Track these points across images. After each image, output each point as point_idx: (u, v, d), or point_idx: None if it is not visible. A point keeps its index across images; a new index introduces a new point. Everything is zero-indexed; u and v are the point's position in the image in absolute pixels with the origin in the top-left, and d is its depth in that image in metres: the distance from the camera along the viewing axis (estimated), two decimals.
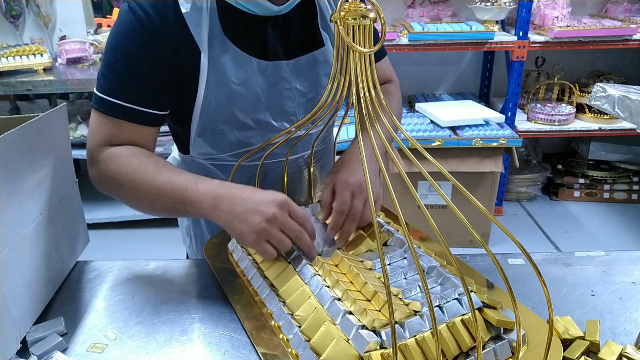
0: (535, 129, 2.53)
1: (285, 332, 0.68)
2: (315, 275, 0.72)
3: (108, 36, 0.82)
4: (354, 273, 0.71)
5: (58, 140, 0.84)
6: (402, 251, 0.79)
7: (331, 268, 0.73)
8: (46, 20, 2.65)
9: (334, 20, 0.61)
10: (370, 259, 0.78)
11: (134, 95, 0.81)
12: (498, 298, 0.68)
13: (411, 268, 0.75)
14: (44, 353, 0.68)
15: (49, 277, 0.81)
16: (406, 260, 0.77)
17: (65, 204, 0.87)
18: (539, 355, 0.62)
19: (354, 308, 0.65)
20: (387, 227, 0.86)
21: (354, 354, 0.59)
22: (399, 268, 0.75)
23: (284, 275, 0.75)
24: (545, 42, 2.41)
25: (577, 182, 2.84)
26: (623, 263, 0.88)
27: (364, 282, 0.68)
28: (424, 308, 0.64)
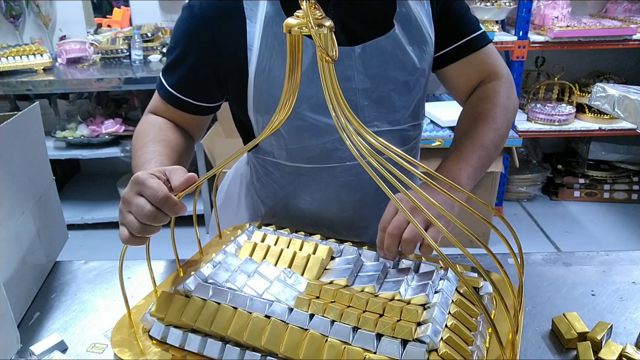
0: (535, 129, 2.53)
1: None
2: (309, 314, 0.63)
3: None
4: (345, 295, 0.64)
5: (34, 140, 0.86)
6: (357, 255, 0.76)
7: (316, 300, 0.65)
8: (46, 20, 2.65)
9: (288, 31, 0.55)
10: (337, 276, 0.70)
11: (178, 82, 0.86)
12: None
13: (379, 270, 0.71)
14: (44, 353, 0.69)
15: (33, 275, 0.83)
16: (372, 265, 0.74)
17: (44, 201, 0.88)
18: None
19: (382, 328, 0.59)
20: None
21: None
22: (374, 273, 0.70)
23: (255, 325, 0.62)
24: (545, 42, 2.41)
25: (577, 182, 2.84)
26: (623, 263, 0.88)
27: (366, 300, 0.63)
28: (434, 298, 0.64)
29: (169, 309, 0.66)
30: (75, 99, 2.73)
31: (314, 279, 0.71)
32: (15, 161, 0.79)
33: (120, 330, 0.69)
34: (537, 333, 0.72)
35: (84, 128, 2.54)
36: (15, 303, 0.74)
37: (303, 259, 0.74)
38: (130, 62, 2.55)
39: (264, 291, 0.67)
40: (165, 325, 0.66)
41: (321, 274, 0.72)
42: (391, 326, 0.58)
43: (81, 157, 2.51)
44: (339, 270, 0.72)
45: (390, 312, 0.61)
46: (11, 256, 0.75)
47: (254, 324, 0.62)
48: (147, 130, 0.86)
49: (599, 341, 0.67)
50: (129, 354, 0.65)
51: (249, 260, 0.75)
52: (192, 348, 0.64)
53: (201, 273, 0.72)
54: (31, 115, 0.85)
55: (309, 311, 0.62)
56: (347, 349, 0.58)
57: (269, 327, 0.62)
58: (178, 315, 0.65)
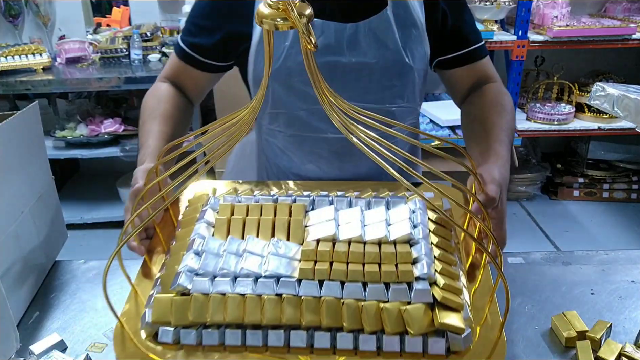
0: (535, 128, 2.53)
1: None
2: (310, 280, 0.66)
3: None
4: (341, 252, 0.67)
5: (33, 139, 0.86)
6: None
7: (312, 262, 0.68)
8: (45, 20, 2.64)
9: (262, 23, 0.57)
10: (322, 234, 0.72)
11: (191, 40, 0.97)
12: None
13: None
14: (43, 352, 0.68)
15: (32, 275, 0.83)
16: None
17: (43, 201, 0.88)
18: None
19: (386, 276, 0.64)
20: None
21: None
22: (354, 221, 0.73)
23: (270, 306, 0.64)
24: (544, 42, 2.41)
25: (577, 181, 2.85)
26: (622, 262, 0.88)
27: (361, 253, 0.67)
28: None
29: (172, 312, 0.65)
30: (75, 99, 2.73)
31: (300, 241, 0.73)
32: (15, 161, 0.79)
33: (122, 341, 0.66)
34: (536, 332, 0.72)
35: (83, 128, 2.53)
36: (14, 302, 0.74)
37: (284, 224, 0.76)
38: (129, 62, 2.55)
39: (261, 269, 0.68)
40: (174, 329, 0.65)
41: (306, 234, 0.75)
42: (395, 273, 0.64)
43: (80, 156, 2.51)
44: (320, 227, 0.74)
45: (387, 259, 0.67)
46: (10, 256, 0.75)
47: (269, 304, 0.63)
48: (150, 104, 0.98)
49: (598, 340, 0.67)
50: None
51: (233, 240, 0.73)
52: (211, 342, 0.64)
53: (188, 267, 0.69)
54: (30, 115, 0.85)
55: (316, 279, 0.65)
56: (363, 306, 0.62)
57: (284, 304, 0.63)
58: (185, 317, 0.65)
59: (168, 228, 0.83)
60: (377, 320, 0.62)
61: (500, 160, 0.82)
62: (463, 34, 0.97)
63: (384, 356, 0.62)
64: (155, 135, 0.90)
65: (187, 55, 0.98)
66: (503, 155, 0.84)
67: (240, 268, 0.67)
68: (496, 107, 0.94)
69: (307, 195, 0.83)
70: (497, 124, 0.91)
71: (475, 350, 0.61)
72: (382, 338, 0.62)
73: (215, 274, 0.68)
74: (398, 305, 0.62)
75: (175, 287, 0.67)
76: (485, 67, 1.01)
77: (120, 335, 0.66)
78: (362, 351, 0.62)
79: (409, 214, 0.74)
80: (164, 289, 0.68)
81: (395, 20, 0.90)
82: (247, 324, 0.64)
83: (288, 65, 0.90)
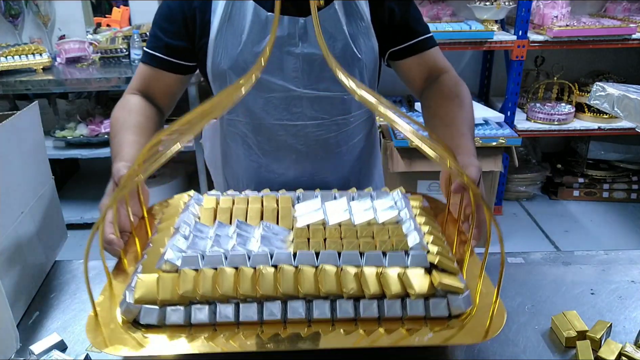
0: (535, 128, 2.53)
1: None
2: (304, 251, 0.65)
3: None
4: (335, 230, 0.69)
5: (33, 139, 0.86)
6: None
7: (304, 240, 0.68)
8: (45, 20, 2.64)
9: None
10: (311, 220, 0.72)
11: (159, 44, 0.99)
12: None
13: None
14: (43, 352, 0.68)
15: (32, 275, 0.83)
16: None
17: (43, 201, 0.88)
18: (483, 324, 0.60)
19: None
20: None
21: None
22: (342, 209, 0.75)
23: (266, 277, 0.62)
24: (544, 42, 2.41)
25: (577, 181, 2.85)
26: (622, 262, 0.88)
27: (356, 229, 0.69)
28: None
29: (159, 289, 0.61)
30: (75, 99, 2.72)
31: (290, 227, 0.73)
32: (15, 161, 0.79)
33: (96, 331, 0.60)
34: (536, 332, 0.72)
35: (83, 127, 2.53)
36: (14, 302, 0.74)
37: (273, 211, 0.75)
38: (129, 62, 2.55)
39: (255, 247, 0.66)
40: (160, 308, 0.60)
41: (294, 223, 0.74)
42: (390, 242, 0.66)
43: (80, 156, 2.51)
44: (309, 214, 0.74)
45: (380, 234, 0.69)
46: (10, 255, 0.75)
47: (264, 276, 0.61)
48: (119, 117, 0.98)
49: (598, 340, 0.67)
50: (127, 349, 0.57)
51: (221, 224, 0.71)
52: (201, 319, 0.60)
53: (176, 247, 0.66)
54: (30, 115, 0.85)
55: (312, 249, 0.65)
56: (363, 271, 0.62)
57: (280, 274, 0.61)
58: (173, 293, 0.60)
59: (143, 238, 0.79)
60: (377, 284, 0.61)
61: (469, 150, 0.87)
62: (410, 27, 1.02)
63: (385, 325, 0.61)
64: (131, 145, 0.90)
65: (157, 60, 1.00)
66: (470, 147, 0.88)
67: (232, 245, 0.65)
68: (453, 99, 0.99)
69: (292, 192, 0.85)
70: (456, 117, 0.95)
71: (475, 316, 0.61)
72: (383, 305, 0.61)
73: (205, 253, 0.65)
74: (397, 270, 0.63)
75: (162, 265, 0.63)
76: (435, 56, 1.05)
77: (93, 323, 0.61)
78: (364, 320, 0.61)
79: (393, 202, 0.78)
80: (147, 271, 0.64)
81: (344, 14, 0.96)
82: (241, 298, 0.61)
83: (245, 57, 0.95)
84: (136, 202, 0.83)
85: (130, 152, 0.87)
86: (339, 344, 0.58)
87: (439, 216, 0.84)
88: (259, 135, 1.04)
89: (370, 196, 0.83)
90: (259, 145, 1.06)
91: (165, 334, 0.60)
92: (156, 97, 1.05)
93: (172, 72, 1.02)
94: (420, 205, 0.83)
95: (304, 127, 1.02)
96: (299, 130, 1.02)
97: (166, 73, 1.02)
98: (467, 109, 0.98)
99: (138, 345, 0.58)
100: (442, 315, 0.61)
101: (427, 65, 1.05)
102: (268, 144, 1.05)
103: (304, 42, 0.96)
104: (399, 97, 2.79)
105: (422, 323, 0.61)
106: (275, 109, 1.01)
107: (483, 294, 0.65)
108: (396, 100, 2.76)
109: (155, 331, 0.60)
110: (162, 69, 1.01)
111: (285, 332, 0.59)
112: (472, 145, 0.89)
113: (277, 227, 0.72)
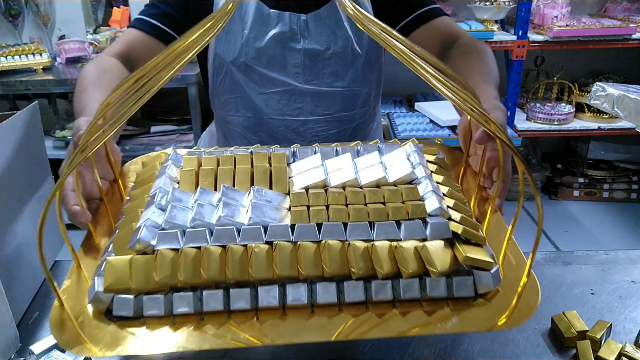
0: (535, 128, 2.53)
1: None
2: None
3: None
4: (338, 194, 0.57)
5: (33, 139, 0.86)
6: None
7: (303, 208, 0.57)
8: (45, 20, 2.64)
9: None
10: (310, 181, 0.61)
11: (157, 12, 0.96)
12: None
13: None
14: (43, 352, 0.68)
15: (32, 275, 0.83)
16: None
17: (43, 201, 0.88)
18: (517, 305, 0.52)
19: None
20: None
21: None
22: (345, 167, 0.64)
23: (259, 257, 0.52)
24: (544, 42, 2.41)
25: (577, 181, 2.85)
26: (622, 262, 0.88)
27: (363, 193, 0.57)
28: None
29: (132, 275, 0.51)
30: None
31: (285, 192, 0.62)
32: (15, 160, 0.79)
33: (62, 326, 0.51)
34: (536, 332, 0.72)
35: None
36: (14, 302, 0.74)
37: (265, 173, 0.63)
38: None
39: (244, 219, 0.55)
40: (134, 297, 0.51)
41: (290, 185, 0.63)
42: (405, 209, 0.55)
43: None
44: (308, 174, 0.63)
45: (392, 198, 0.57)
46: (10, 255, 0.75)
47: (257, 255, 0.51)
48: (91, 72, 0.90)
49: (598, 340, 0.67)
50: (103, 349, 0.48)
51: (204, 191, 0.59)
52: (183, 308, 0.51)
53: (151, 221, 0.55)
54: (30, 115, 0.85)
55: (312, 221, 0.54)
56: (374, 246, 0.52)
57: (276, 252, 0.52)
58: (150, 278, 0.50)
59: (116, 204, 0.68)
60: (391, 262, 0.51)
61: (492, 95, 0.78)
62: (414, 1, 1.00)
63: (400, 308, 0.51)
64: (100, 103, 0.78)
65: (152, 26, 0.96)
66: (493, 92, 0.79)
67: (217, 217, 0.54)
68: (472, 54, 0.92)
69: (286, 147, 0.71)
70: (476, 67, 0.88)
71: (504, 293, 0.52)
72: (399, 285, 0.51)
73: (186, 228, 0.54)
74: (414, 243, 0.52)
75: (134, 246, 0.52)
76: (446, 23, 1.01)
77: (59, 315, 0.52)
78: (375, 303, 0.52)
79: (406, 156, 0.66)
80: (119, 251, 0.54)
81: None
82: (231, 283, 0.51)
83: (247, 51, 0.96)
84: (105, 165, 0.70)
85: (97, 109, 0.77)
86: (351, 334, 0.49)
87: (455, 168, 0.73)
88: (260, 131, 1.04)
89: (378, 149, 0.70)
90: (259, 141, 1.05)
91: (144, 326, 0.50)
92: (138, 66, 0.92)
93: (164, 43, 0.96)
94: (437, 159, 0.70)
95: (305, 123, 1.02)
96: (299, 125, 1.02)
97: (157, 43, 0.96)
98: (488, 61, 0.90)
99: (112, 344, 0.48)
100: (467, 296, 0.52)
101: (440, 33, 1.00)
102: (268, 139, 1.04)
103: (306, 38, 0.96)
104: (399, 97, 2.79)
105: (443, 304, 0.51)
106: (276, 104, 1.01)
107: (510, 264, 0.56)
108: (396, 100, 2.76)
109: (133, 324, 0.50)
110: (154, 36, 0.96)
111: (285, 320, 0.50)
112: (495, 91, 0.80)
113: (271, 193, 0.60)
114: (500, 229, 0.61)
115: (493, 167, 0.67)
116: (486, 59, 0.91)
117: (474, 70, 0.86)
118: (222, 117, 1.09)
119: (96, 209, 0.68)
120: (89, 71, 0.90)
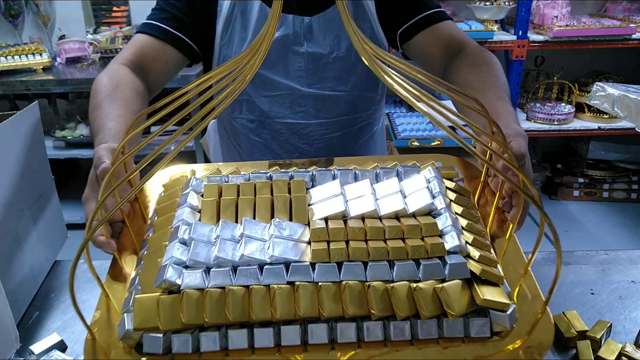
0: (535, 128, 2.53)
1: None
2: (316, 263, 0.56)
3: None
4: (358, 229, 0.58)
5: (33, 139, 0.86)
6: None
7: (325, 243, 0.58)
8: (45, 20, 2.64)
9: None
10: (330, 211, 0.62)
11: (166, 16, 0.97)
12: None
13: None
14: (43, 352, 0.68)
15: (32, 275, 0.83)
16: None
17: (43, 201, 0.88)
18: (530, 340, 0.53)
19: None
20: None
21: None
22: (364, 195, 0.65)
23: (282, 297, 0.54)
24: (544, 42, 2.41)
25: (577, 181, 2.85)
26: (622, 262, 0.88)
27: (382, 228, 0.58)
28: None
29: (160, 314, 0.54)
30: (75, 99, 2.72)
31: (305, 221, 0.62)
32: (15, 161, 0.79)
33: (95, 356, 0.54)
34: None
35: (83, 127, 2.53)
36: (14, 302, 0.74)
37: (285, 203, 0.64)
38: None
39: (265, 255, 0.57)
40: (163, 335, 0.54)
41: (310, 214, 0.64)
42: (424, 248, 0.56)
43: (81, 156, 2.51)
44: (327, 204, 0.63)
45: (411, 233, 0.58)
46: (10, 255, 0.75)
47: (280, 295, 0.53)
48: (105, 85, 0.88)
49: (598, 340, 0.67)
50: None
51: (226, 224, 0.61)
52: (210, 347, 0.53)
53: (175, 258, 0.57)
54: (30, 115, 0.85)
55: (333, 260, 0.55)
56: (394, 287, 0.53)
57: (298, 293, 0.53)
58: (177, 318, 0.53)
59: (137, 222, 0.71)
60: (410, 304, 0.53)
61: (511, 116, 0.77)
62: (417, 3, 0.98)
63: (418, 345, 0.53)
64: (116, 119, 0.79)
65: (162, 31, 0.95)
66: (510, 111, 0.78)
67: (239, 255, 0.56)
68: (481, 66, 0.90)
69: (305, 171, 0.72)
70: (488, 82, 0.86)
71: (519, 330, 0.53)
72: (417, 324, 0.53)
73: (210, 265, 0.56)
74: (432, 284, 0.53)
75: (161, 284, 0.55)
76: (450, 28, 0.98)
77: (92, 349, 0.54)
78: (393, 342, 0.53)
79: (425, 183, 0.66)
80: (145, 288, 0.56)
81: (352, 12, 0.95)
82: (255, 322, 0.54)
83: None
84: (125, 185, 0.70)
85: (115, 127, 0.77)
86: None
87: (472, 182, 0.73)
88: (263, 133, 1.04)
89: (397, 173, 0.71)
90: (262, 144, 1.05)
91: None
92: (150, 73, 0.96)
93: (175, 47, 0.95)
94: (456, 185, 0.69)
95: (307, 126, 1.02)
96: (302, 129, 1.02)
97: (169, 47, 0.95)
98: (499, 74, 0.88)
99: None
100: (483, 336, 0.53)
101: (443, 39, 0.97)
102: (272, 142, 1.04)
103: (309, 41, 0.96)
104: (399, 97, 2.79)
105: (459, 342, 0.54)
106: (279, 108, 1.00)
107: (525, 299, 0.58)
108: (396, 100, 2.76)
109: (162, 359, 0.54)
110: (166, 41, 0.95)
111: (306, 356, 0.53)
112: (512, 109, 0.79)
113: (292, 225, 0.62)
114: (517, 258, 0.64)
115: (513, 191, 0.67)
116: (497, 72, 0.89)
117: (487, 87, 0.84)
118: (225, 117, 1.09)
119: (119, 232, 0.70)
120: (102, 84, 0.88)
